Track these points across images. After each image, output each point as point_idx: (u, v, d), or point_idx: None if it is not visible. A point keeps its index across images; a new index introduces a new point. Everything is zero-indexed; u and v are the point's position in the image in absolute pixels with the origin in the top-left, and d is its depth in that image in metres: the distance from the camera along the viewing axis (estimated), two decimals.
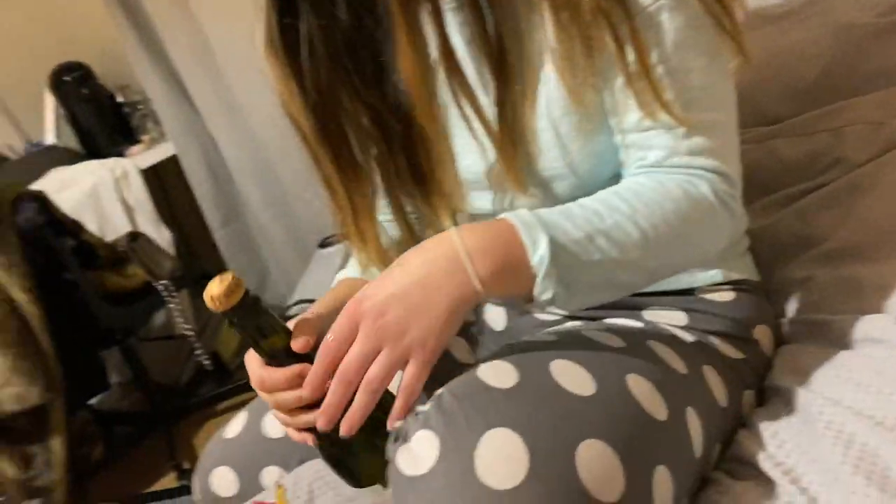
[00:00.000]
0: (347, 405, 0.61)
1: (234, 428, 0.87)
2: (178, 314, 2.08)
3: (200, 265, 2.87)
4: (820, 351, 0.77)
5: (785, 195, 1.08)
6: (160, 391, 2.28)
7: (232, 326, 0.61)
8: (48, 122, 2.74)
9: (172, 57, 2.32)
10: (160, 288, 2.04)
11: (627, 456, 0.58)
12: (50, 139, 2.75)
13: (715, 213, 0.67)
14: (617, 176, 0.73)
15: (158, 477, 2.14)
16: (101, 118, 2.70)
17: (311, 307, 0.75)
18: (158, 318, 2.21)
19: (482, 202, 0.80)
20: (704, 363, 0.73)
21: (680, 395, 0.66)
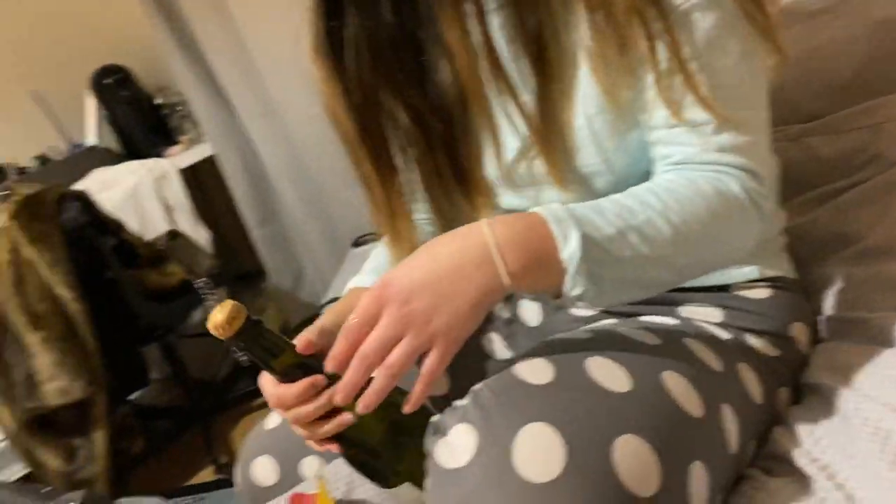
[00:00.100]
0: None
1: (274, 419, 0.89)
2: None
3: (237, 264, 2.91)
4: (857, 348, 0.77)
5: (821, 193, 1.08)
6: (198, 387, 2.31)
7: (240, 351, 0.62)
8: (89, 123, 2.79)
9: (210, 59, 2.36)
10: (198, 286, 2.07)
11: (663, 451, 0.58)
12: (91, 140, 2.80)
13: (745, 210, 0.66)
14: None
15: (196, 471, 2.17)
16: (140, 119, 2.74)
17: (320, 318, 0.76)
18: (196, 315, 2.24)
19: (520, 199, 0.81)
20: (740, 360, 0.73)
21: (715, 391, 0.66)
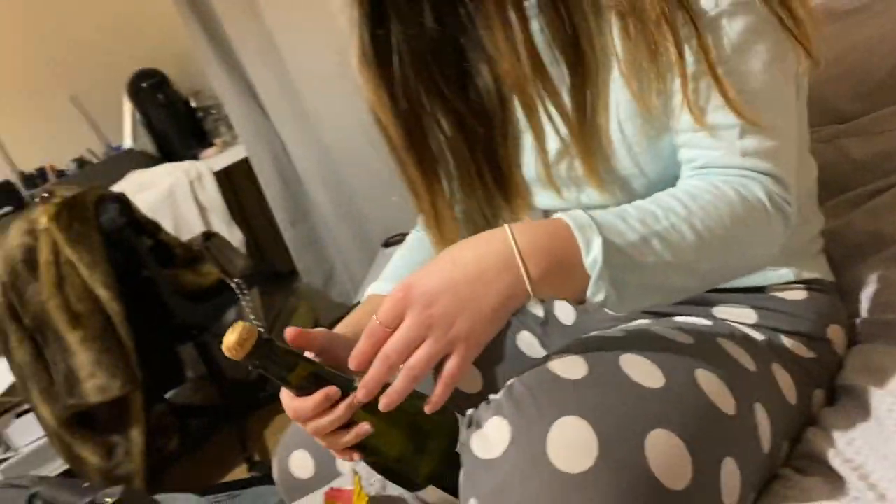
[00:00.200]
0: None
1: None
2: (249, 310, 2.14)
3: (270, 264, 2.95)
4: (892, 350, 0.77)
5: (856, 195, 1.07)
6: (232, 386, 2.33)
7: (255, 369, 0.63)
8: (126, 126, 2.84)
9: (243, 63, 2.40)
10: (233, 285, 2.10)
11: (695, 446, 0.59)
12: (128, 143, 2.86)
13: (768, 216, 0.65)
14: None
15: (230, 468, 2.20)
16: (176, 122, 2.80)
17: (339, 325, 0.78)
18: (230, 314, 2.26)
19: (558, 201, 0.82)
20: (774, 361, 0.73)
21: (748, 391, 0.67)
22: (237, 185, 2.87)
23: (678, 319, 0.78)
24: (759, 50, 0.66)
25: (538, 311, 0.94)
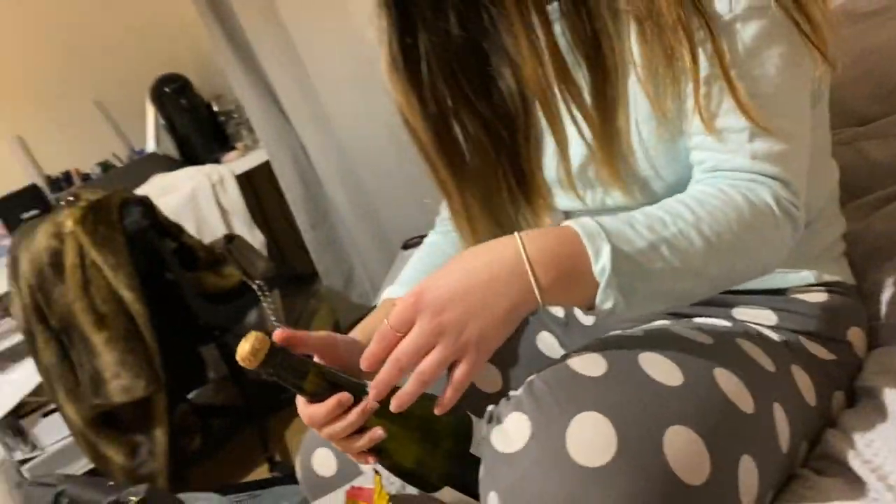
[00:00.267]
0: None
1: None
2: (270, 312, 2.15)
3: (291, 266, 2.97)
4: None
5: (875, 198, 1.07)
6: (254, 386, 2.33)
7: (269, 377, 0.64)
8: (149, 130, 2.86)
9: (264, 68, 2.42)
10: (254, 287, 2.11)
11: (713, 443, 0.60)
12: (151, 147, 2.88)
13: (776, 221, 0.65)
14: None
15: (252, 468, 2.22)
16: (198, 126, 2.81)
17: (354, 329, 0.79)
18: (252, 316, 2.28)
19: (579, 202, 0.82)
20: (793, 362, 0.73)
21: (767, 390, 0.67)
22: (258, 188, 2.89)
23: (698, 320, 0.79)
24: (772, 54, 0.66)
25: (559, 311, 0.95)
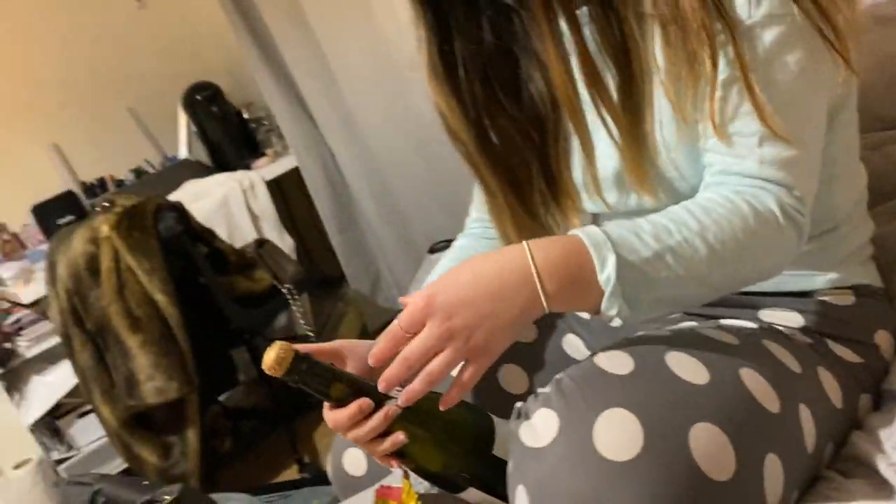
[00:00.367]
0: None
1: None
2: (299, 315, 2.18)
3: (319, 270, 2.99)
4: None
5: None
6: (283, 389, 2.32)
7: (294, 385, 0.66)
8: (182, 137, 2.92)
9: (294, 76, 2.45)
10: (284, 291, 2.14)
11: (739, 441, 0.60)
12: (183, 154, 2.93)
13: (780, 228, 0.66)
14: None
15: (281, 469, 2.24)
16: (229, 133, 2.85)
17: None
18: (282, 319, 2.30)
19: (604, 205, 0.83)
20: (819, 364, 0.73)
21: (793, 391, 0.68)
22: (288, 193, 2.92)
23: (724, 321, 0.79)
24: (790, 61, 0.67)
25: (585, 314, 0.95)
